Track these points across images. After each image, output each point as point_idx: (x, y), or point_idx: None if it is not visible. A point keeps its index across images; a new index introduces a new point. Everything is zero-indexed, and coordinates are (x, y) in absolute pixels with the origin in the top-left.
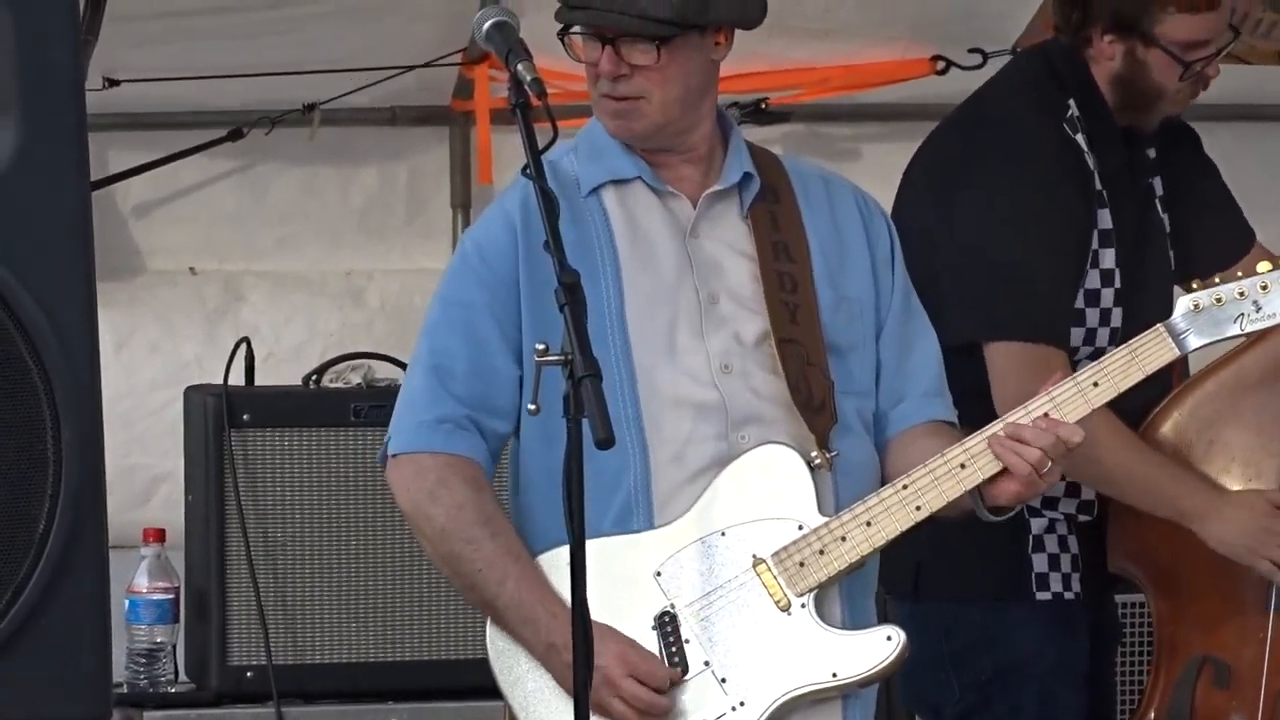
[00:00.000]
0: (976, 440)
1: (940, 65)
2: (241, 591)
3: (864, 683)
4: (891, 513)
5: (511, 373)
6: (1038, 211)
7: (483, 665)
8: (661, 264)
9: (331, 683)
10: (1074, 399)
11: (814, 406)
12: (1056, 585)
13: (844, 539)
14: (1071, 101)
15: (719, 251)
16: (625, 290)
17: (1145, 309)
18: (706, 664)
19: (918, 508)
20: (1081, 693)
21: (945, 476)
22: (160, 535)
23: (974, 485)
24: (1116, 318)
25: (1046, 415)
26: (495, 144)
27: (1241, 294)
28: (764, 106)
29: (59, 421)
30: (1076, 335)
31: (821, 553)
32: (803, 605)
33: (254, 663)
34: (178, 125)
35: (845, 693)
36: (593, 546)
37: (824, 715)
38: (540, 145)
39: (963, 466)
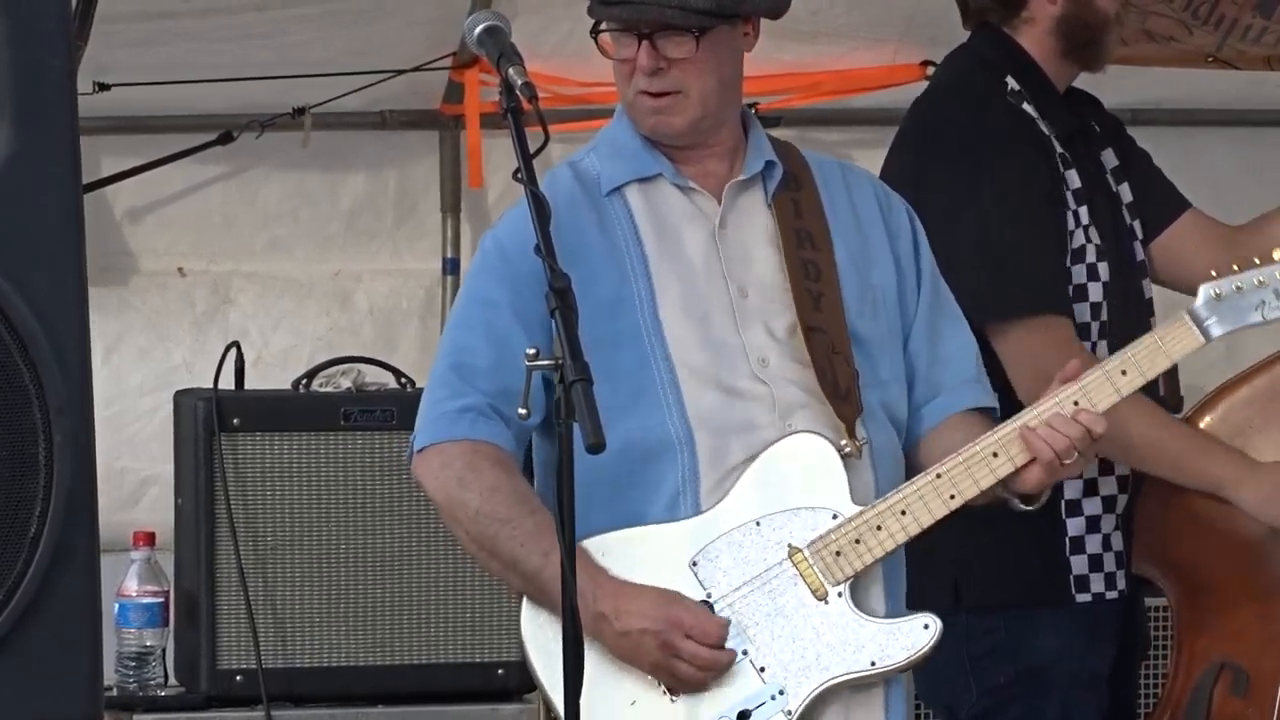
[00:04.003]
0: (1008, 428)
1: (930, 71)
2: (231, 595)
3: (902, 670)
4: (926, 501)
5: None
6: (1006, 189)
7: (472, 669)
8: (690, 259)
9: (321, 686)
10: (1103, 386)
11: (840, 395)
12: (1098, 586)
13: (879, 528)
14: (1009, 78)
15: (746, 243)
16: (656, 288)
17: (1127, 265)
18: (744, 653)
19: (952, 496)
20: (1103, 699)
21: (978, 464)
22: (150, 539)
23: (1007, 474)
24: (1104, 271)
25: (1076, 404)
26: (485, 148)
27: (1261, 282)
28: (753, 111)
29: (50, 425)
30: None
31: (858, 541)
32: (839, 594)
33: (243, 666)
34: (168, 129)
35: (886, 678)
36: (627, 536)
37: (866, 700)
38: (531, 149)
39: (995, 455)
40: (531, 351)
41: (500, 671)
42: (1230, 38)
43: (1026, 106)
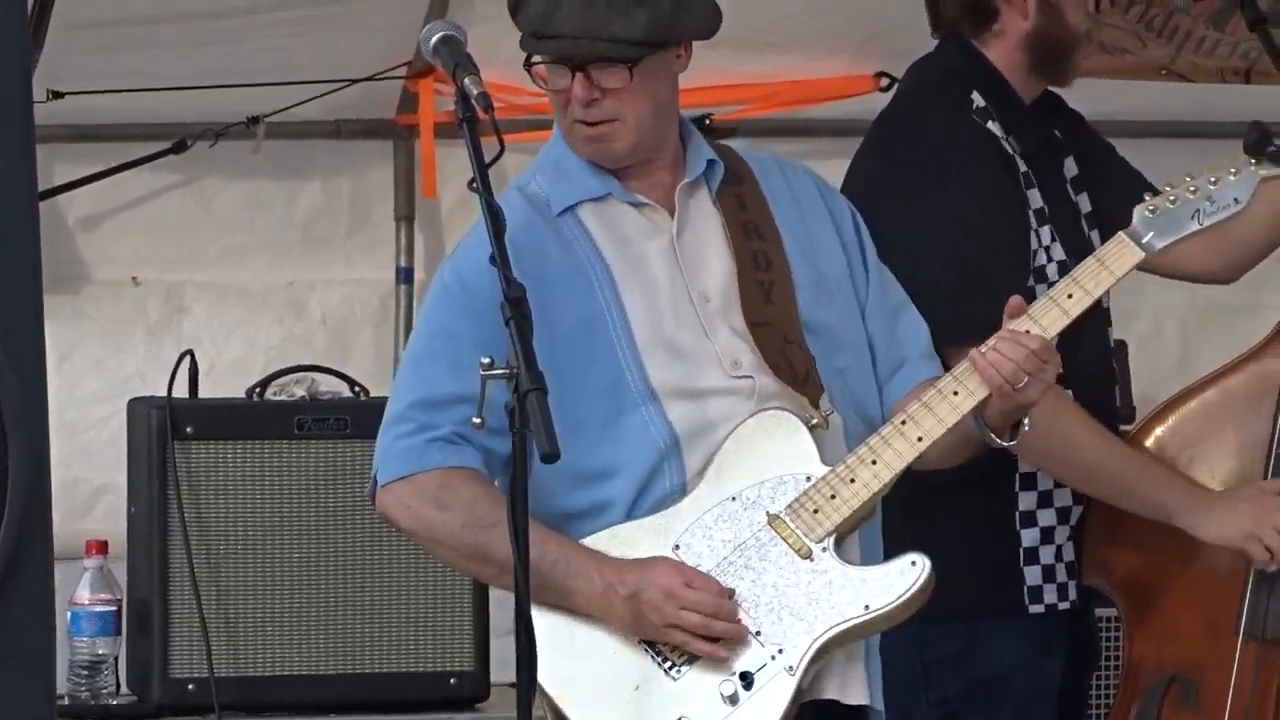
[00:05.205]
0: (964, 364)
1: (884, 82)
2: (184, 604)
3: (899, 610)
4: (893, 446)
5: (504, 399)
6: (968, 211)
7: (426, 678)
8: (653, 273)
9: (274, 695)
10: (1050, 311)
11: (800, 379)
12: (1051, 596)
13: (853, 480)
14: (975, 94)
15: (701, 247)
16: (626, 305)
17: None
18: (738, 621)
19: (919, 438)
20: (1054, 710)
21: (939, 403)
22: (103, 547)
23: (969, 409)
24: None
25: (1026, 332)
26: (439, 157)
27: (1195, 191)
28: (708, 122)
29: (6, 434)
30: None
31: (833, 497)
32: (824, 549)
33: (196, 675)
34: (122, 137)
35: (869, 642)
36: (608, 535)
37: (855, 671)
38: (486, 159)
39: (955, 393)
40: (486, 361)
41: (453, 680)
42: (1184, 50)
43: (992, 125)
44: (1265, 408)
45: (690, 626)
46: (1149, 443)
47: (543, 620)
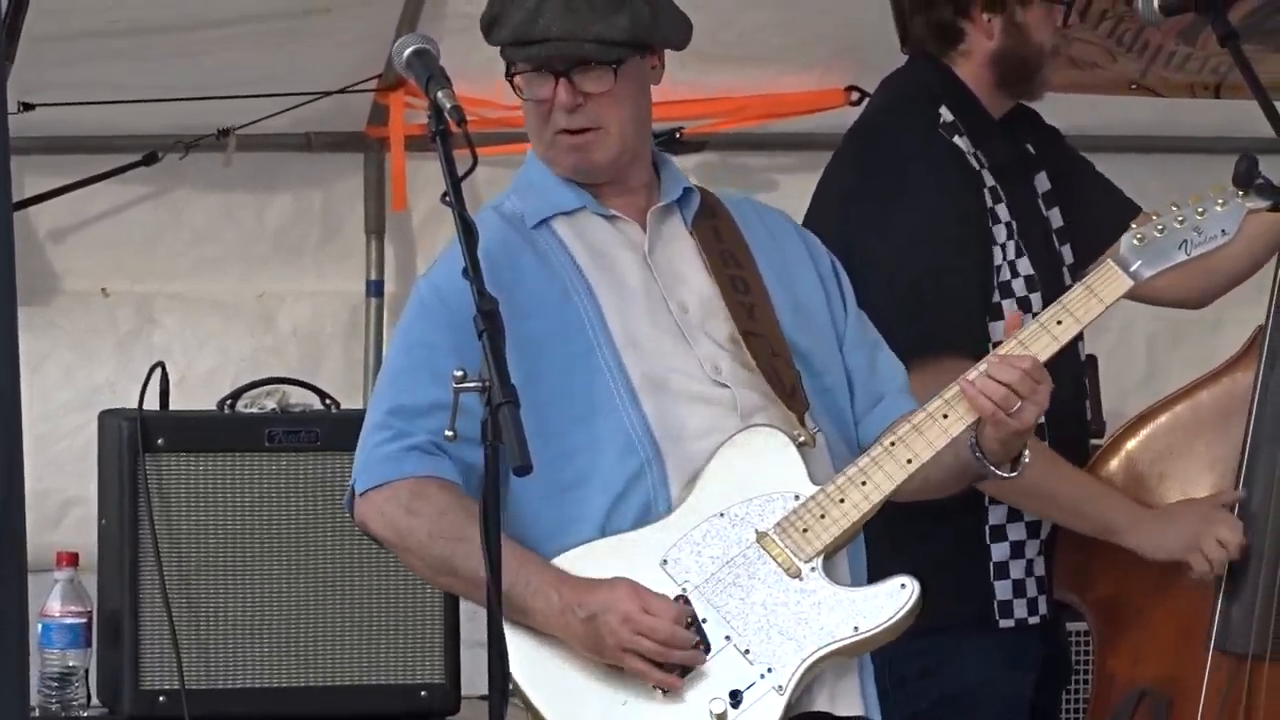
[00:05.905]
0: (953, 388)
1: (854, 96)
2: (155, 616)
3: (887, 633)
4: (883, 468)
5: (480, 411)
6: (932, 224)
7: (396, 691)
8: (627, 282)
9: (244, 707)
10: (1040, 337)
11: (788, 392)
12: (1021, 611)
13: (843, 500)
14: (943, 108)
15: (676, 263)
16: (602, 305)
17: (1057, 294)
18: (727, 639)
19: (909, 459)
20: None
21: (929, 426)
22: (73, 559)
23: (958, 431)
24: (1036, 303)
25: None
26: (409, 170)
27: (1182, 221)
28: (679, 136)
29: None
30: (996, 329)
31: (823, 516)
32: (813, 569)
33: (167, 687)
34: (93, 149)
35: (859, 656)
36: (595, 548)
37: (846, 682)
38: (459, 172)
39: (945, 416)
40: (459, 374)
41: (423, 693)
42: (1154, 65)
43: (958, 140)
44: (1236, 422)
45: (646, 652)
46: (1120, 458)
47: (525, 634)
